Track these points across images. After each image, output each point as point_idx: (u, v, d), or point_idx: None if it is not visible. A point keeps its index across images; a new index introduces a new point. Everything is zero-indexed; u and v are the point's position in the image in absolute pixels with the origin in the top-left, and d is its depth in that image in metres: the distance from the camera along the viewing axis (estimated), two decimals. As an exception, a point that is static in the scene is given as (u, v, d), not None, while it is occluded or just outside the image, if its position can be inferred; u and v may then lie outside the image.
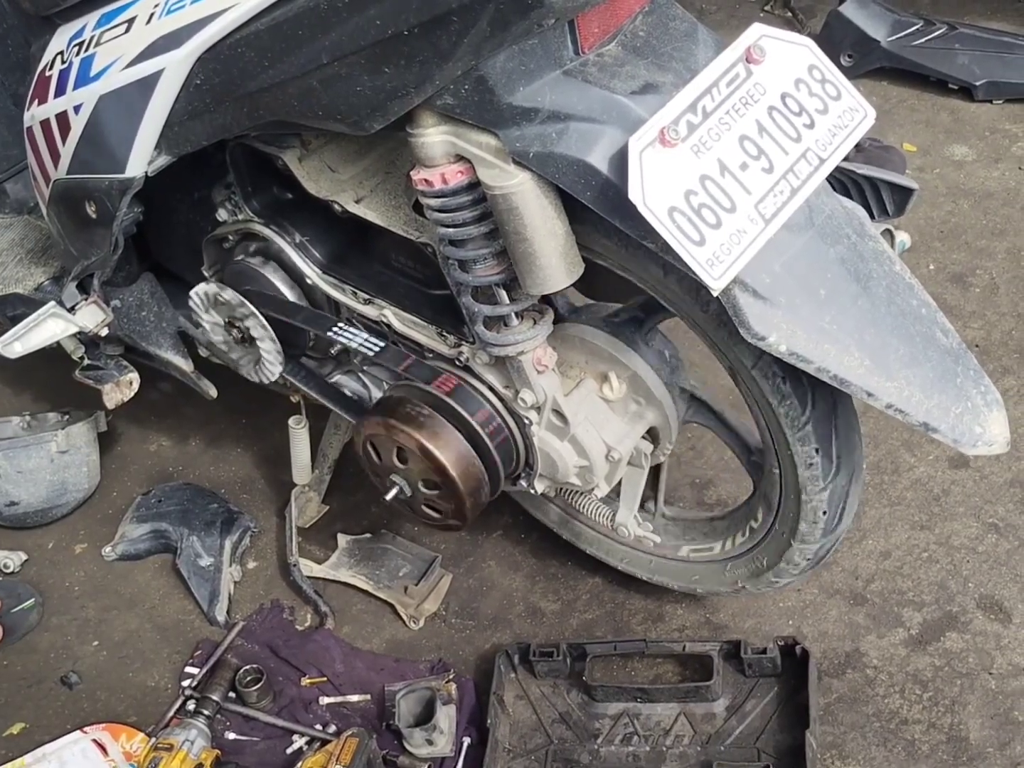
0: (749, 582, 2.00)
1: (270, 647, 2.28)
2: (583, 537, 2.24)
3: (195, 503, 2.52)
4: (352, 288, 1.93)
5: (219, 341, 2.14)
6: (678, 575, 2.13)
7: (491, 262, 1.65)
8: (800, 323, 1.49)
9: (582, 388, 1.86)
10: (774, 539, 1.90)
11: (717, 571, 2.05)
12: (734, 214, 1.45)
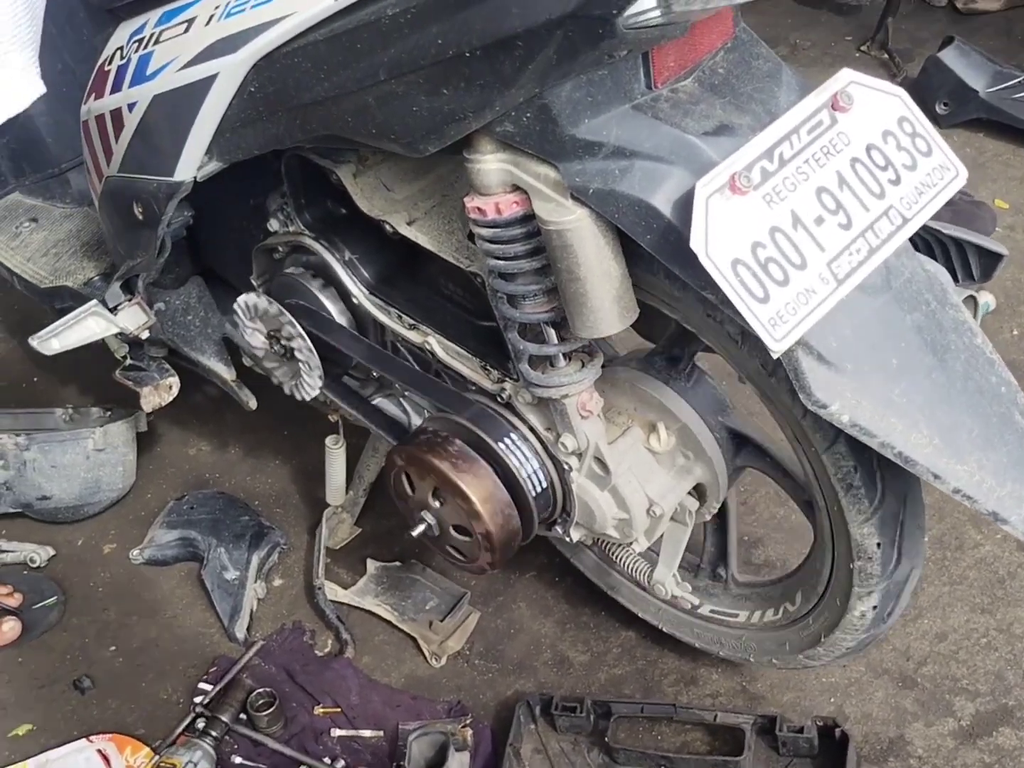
0: (780, 658, 1.88)
1: (287, 670, 2.20)
2: (620, 589, 2.14)
3: (227, 514, 2.46)
4: (398, 312, 1.85)
5: (260, 353, 2.07)
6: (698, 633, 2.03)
7: (540, 299, 1.56)
8: (867, 393, 1.38)
9: (628, 437, 1.76)
10: (815, 621, 1.79)
11: (751, 640, 1.94)
12: (804, 271, 1.34)
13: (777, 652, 1.88)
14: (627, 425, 1.77)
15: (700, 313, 1.51)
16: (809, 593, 1.78)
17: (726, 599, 1.98)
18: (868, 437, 1.38)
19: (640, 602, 2.11)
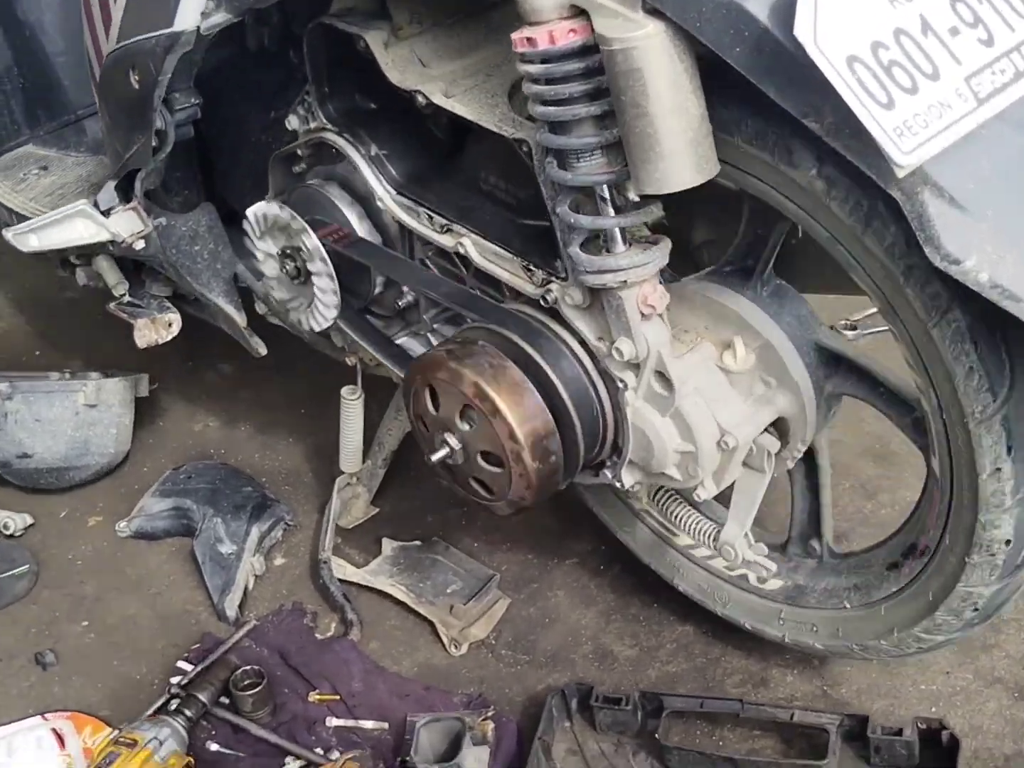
0: (887, 639, 1.55)
1: (280, 653, 1.89)
2: (682, 573, 1.81)
3: (227, 484, 2.17)
4: (428, 212, 1.58)
5: (270, 276, 1.81)
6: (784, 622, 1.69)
7: (598, 158, 1.29)
8: (1012, 247, 1.09)
9: (697, 352, 1.47)
10: (932, 579, 1.46)
11: (851, 623, 1.61)
12: (937, 82, 1.07)
13: (883, 633, 1.54)
14: (696, 342, 1.48)
15: (783, 176, 1.23)
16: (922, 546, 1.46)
17: (821, 576, 1.65)
18: (1012, 302, 1.09)
19: (707, 589, 1.77)
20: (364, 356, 1.89)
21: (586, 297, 1.43)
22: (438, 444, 1.51)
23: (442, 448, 1.50)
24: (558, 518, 2.09)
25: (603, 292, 1.39)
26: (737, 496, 1.57)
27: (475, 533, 2.09)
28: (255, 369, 2.55)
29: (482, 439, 1.46)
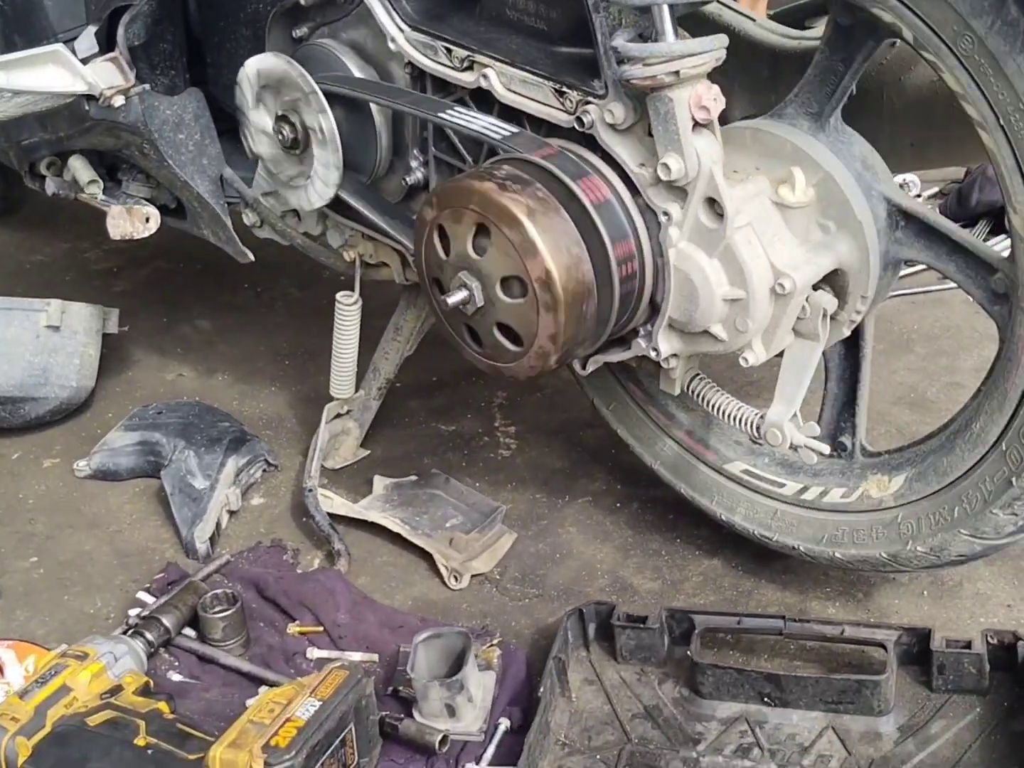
0: (938, 538, 1.35)
1: (256, 586, 1.66)
2: (704, 487, 1.61)
3: (202, 419, 1.96)
4: (447, 45, 1.42)
5: (263, 145, 1.63)
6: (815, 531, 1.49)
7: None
8: None
9: (750, 185, 1.30)
10: (994, 463, 1.27)
11: (887, 524, 1.41)
12: None
13: (952, 523, 1.34)
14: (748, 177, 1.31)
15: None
16: (994, 412, 1.27)
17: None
18: None
19: (742, 505, 1.57)
20: (364, 250, 1.71)
21: (628, 113, 1.26)
22: (455, 286, 1.32)
23: (459, 290, 1.31)
24: (568, 460, 1.90)
25: (650, 99, 1.22)
26: (786, 371, 1.38)
27: (477, 474, 1.88)
28: (235, 325, 2.39)
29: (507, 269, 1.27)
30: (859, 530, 1.45)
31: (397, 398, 2.04)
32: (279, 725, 1.25)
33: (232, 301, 2.47)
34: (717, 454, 1.58)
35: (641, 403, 1.64)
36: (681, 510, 1.70)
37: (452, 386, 2.10)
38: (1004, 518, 1.29)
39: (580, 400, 1.89)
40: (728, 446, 1.58)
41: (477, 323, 1.34)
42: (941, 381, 1.99)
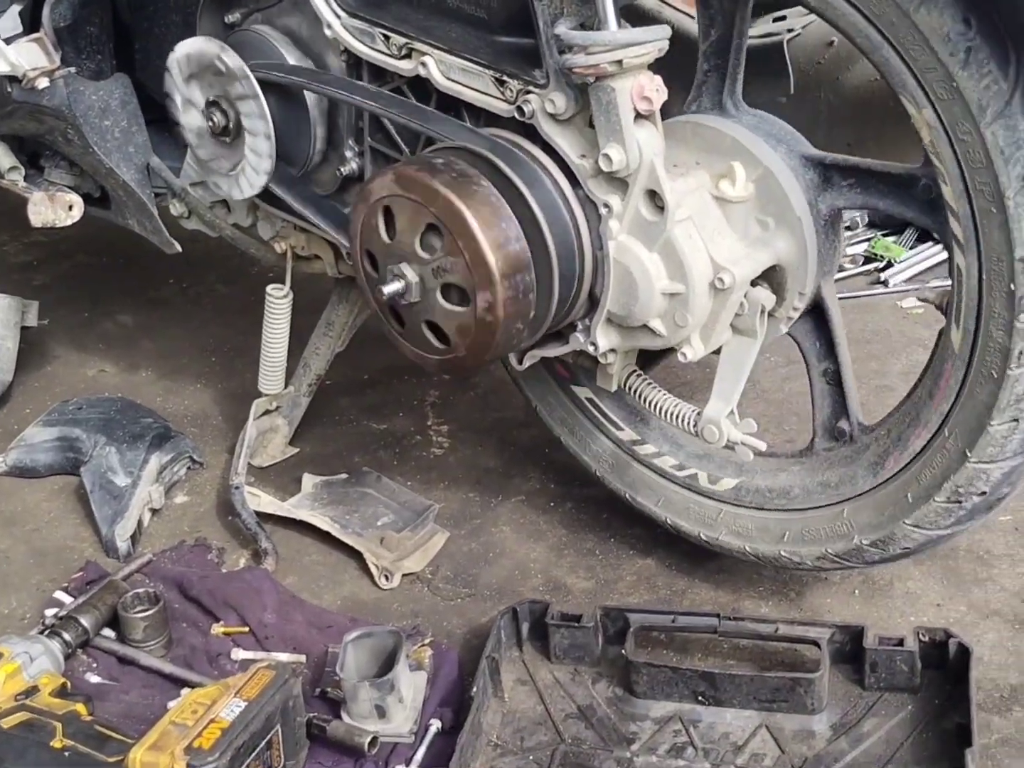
0: (876, 533, 1.35)
1: (179, 585, 1.61)
2: (642, 487, 1.60)
3: (125, 415, 1.90)
4: (384, 31, 1.39)
5: (192, 132, 1.59)
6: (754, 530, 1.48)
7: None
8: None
9: (691, 178, 1.29)
10: (954, 431, 1.26)
11: (827, 521, 1.41)
12: None
13: (896, 514, 1.34)
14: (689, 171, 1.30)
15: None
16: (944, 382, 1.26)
17: (855, 464, 1.44)
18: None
19: (684, 507, 1.56)
20: (295, 242, 1.67)
21: (569, 104, 1.25)
22: (390, 277, 1.29)
23: (395, 281, 1.28)
24: (501, 459, 1.88)
25: (592, 89, 1.21)
26: (723, 367, 1.37)
27: (409, 473, 1.85)
28: (159, 320, 2.33)
29: (445, 264, 1.25)
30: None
31: (328, 395, 2.00)
32: (202, 726, 1.21)
33: (157, 296, 2.41)
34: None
35: (579, 402, 1.63)
36: (615, 509, 1.69)
37: (384, 384, 2.07)
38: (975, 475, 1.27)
39: (514, 399, 1.88)
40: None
41: (410, 315, 1.31)
42: (871, 384, 2.01)
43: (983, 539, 1.64)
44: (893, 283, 2.30)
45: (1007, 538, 1.65)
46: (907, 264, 2.33)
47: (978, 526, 1.39)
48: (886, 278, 2.31)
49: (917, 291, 2.26)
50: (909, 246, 2.39)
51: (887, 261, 2.35)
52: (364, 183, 1.32)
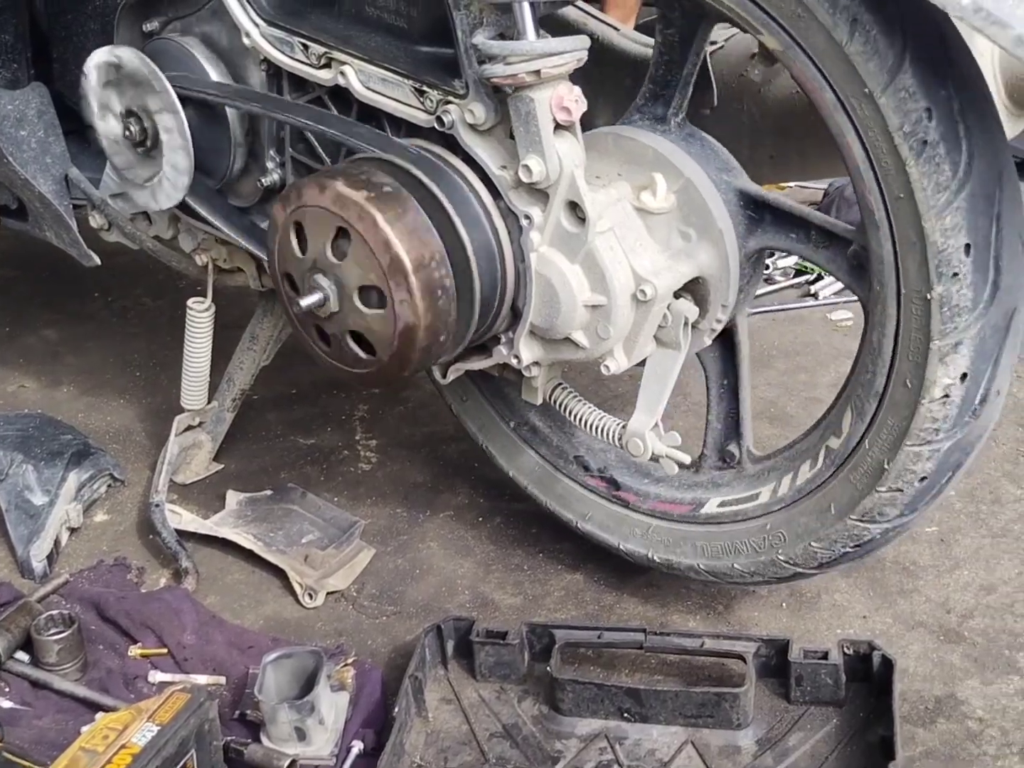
0: (823, 533, 1.35)
1: (96, 606, 1.57)
2: (568, 501, 1.58)
3: (43, 431, 1.85)
4: (303, 40, 1.37)
5: (109, 140, 1.56)
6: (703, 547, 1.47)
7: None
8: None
9: (612, 189, 1.28)
10: (875, 444, 1.26)
11: (780, 527, 1.40)
12: None
13: (819, 527, 1.33)
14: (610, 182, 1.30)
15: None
16: (862, 402, 1.26)
17: (740, 483, 1.45)
18: (998, 28, 0.94)
19: (612, 522, 1.55)
20: (217, 254, 1.64)
21: (489, 114, 1.24)
22: (307, 289, 1.27)
23: (313, 293, 1.26)
24: (430, 474, 1.85)
25: (511, 99, 1.19)
26: (647, 380, 1.37)
27: (337, 489, 1.82)
28: (83, 335, 2.29)
29: (361, 272, 1.23)
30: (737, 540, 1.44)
31: (254, 410, 1.97)
32: (113, 752, 1.17)
33: (81, 310, 2.36)
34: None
35: (504, 415, 1.61)
36: (544, 524, 1.68)
37: (312, 398, 2.04)
38: (893, 489, 1.27)
39: (443, 414, 1.86)
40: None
41: (330, 326, 1.29)
42: (800, 396, 2.01)
43: (909, 550, 1.64)
44: (823, 295, 2.32)
45: (932, 549, 1.65)
46: (837, 277, 2.35)
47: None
48: (816, 291, 2.32)
49: (846, 303, 2.28)
50: (839, 259, 2.42)
51: (816, 274, 2.37)
52: (277, 196, 1.30)
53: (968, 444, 1.22)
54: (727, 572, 1.43)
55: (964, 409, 1.17)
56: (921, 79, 1.05)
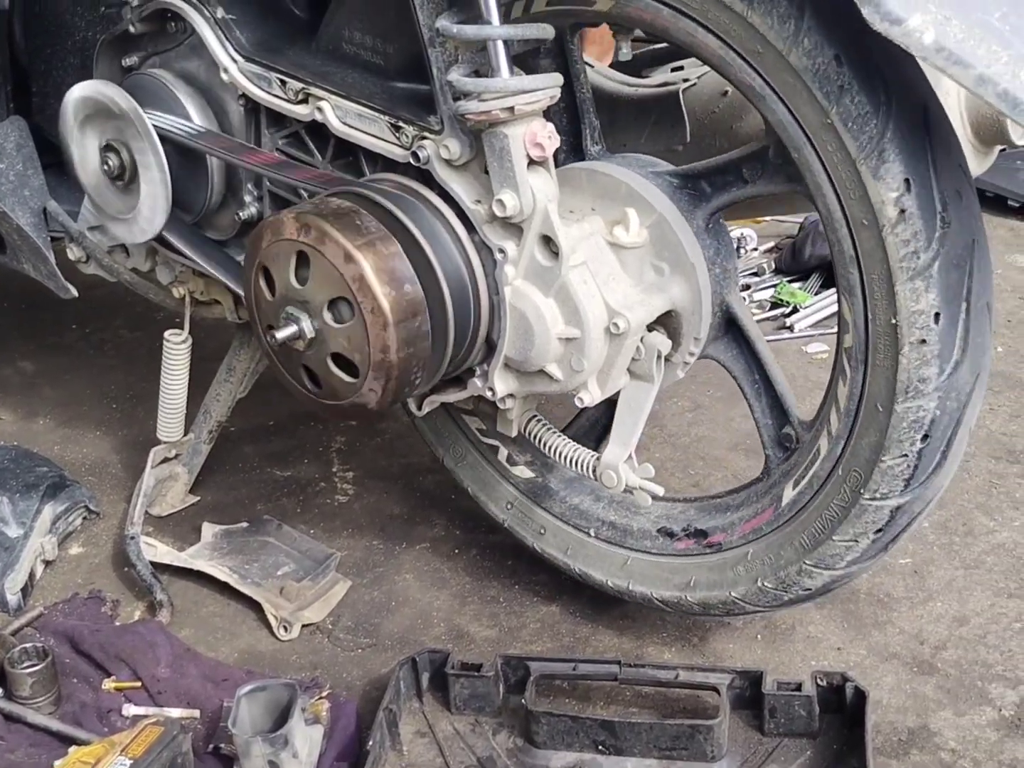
0: (772, 580, 1.36)
1: (71, 639, 1.56)
2: (545, 535, 1.59)
3: (18, 464, 1.85)
4: (281, 76, 1.39)
5: (87, 174, 1.57)
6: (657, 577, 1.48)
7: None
8: (957, 8, 0.97)
9: (585, 224, 1.29)
10: (829, 495, 1.29)
11: (718, 569, 1.41)
12: None
13: (784, 564, 1.35)
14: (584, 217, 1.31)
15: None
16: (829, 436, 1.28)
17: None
18: (960, 68, 0.96)
19: (589, 554, 1.55)
20: (194, 287, 1.65)
21: (464, 149, 1.25)
22: (283, 321, 1.27)
23: (289, 325, 1.26)
24: (407, 506, 1.86)
25: (486, 135, 1.21)
26: (621, 412, 1.37)
27: (313, 521, 1.82)
28: (60, 367, 2.29)
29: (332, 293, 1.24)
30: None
31: (231, 442, 1.97)
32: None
33: (59, 342, 2.36)
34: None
35: (482, 448, 1.62)
36: (520, 556, 1.68)
37: (289, 430, 2.04)
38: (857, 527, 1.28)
39: (420, 445, 1.86)
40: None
41: (310, 359, 1.29)
42: (776, 429, 2.02)
43: (883, 582, 1.65)
44: (798, 328, 2.34)
45: (906, 581, 1.67)
46: (812, 310, 2.38)
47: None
48: (792, 323, 2.34)
49: (821, 336, 2.30)
50: (814, 292, 2.45)
51: (792, 307, 2.39)
52: (254, 230, 1.31)
53: (924, 503, 1.25)
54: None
55: (927, 463, 1.20)
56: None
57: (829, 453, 1.28)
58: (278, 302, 1.28)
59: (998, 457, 1.93)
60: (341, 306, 1.24)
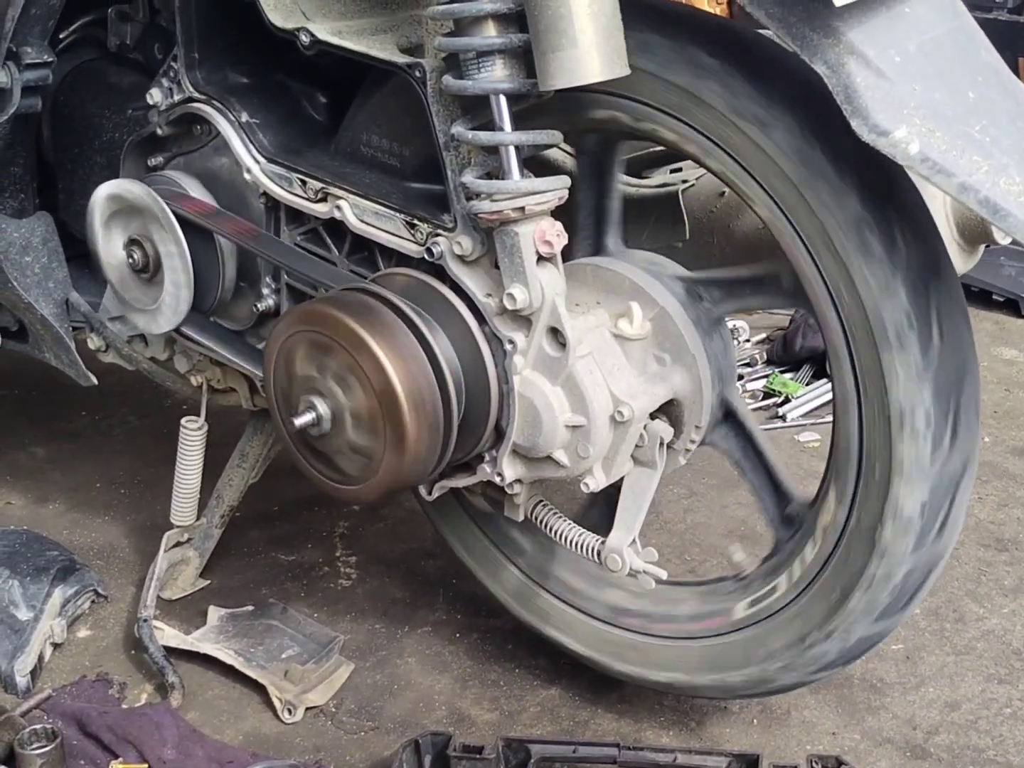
0: (787, 657, 1.40)
1: (79, 721, 1.58)
2: (550, 618, 1.63)
3: (29, 547, 1.88)
4: (301, 176, 1.46)
5: (113, 268, 1.63)
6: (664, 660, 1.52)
7: (499, 64, 1.21)
8: (940, 122, 1.05)
9: (591, 316, 1.36)
10: (834, 572, 1.34)
11: (734, 648, 1.45)
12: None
13: (784, 651, 1.39)
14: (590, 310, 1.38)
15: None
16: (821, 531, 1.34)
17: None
18: (943, 177, 1.04)
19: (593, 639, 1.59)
20: (211, 375, 1.71)
21: (476, 246, 1.32)
22: (302, 408, 1.33)
23: (307, 412, 1.32)
24: (409, 590, 1.89)
25: (497, 233, 1.28)
26: (625, 498, 1.43)
27: (317, 605, 1.85)
28: (70, 452, 2.33)
29: (356, 399, 1.30)
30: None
31: (236, 527, 2.00)
32: (98, 863, 1.18)
33: (68, 428, 2.40)
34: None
35: (487, 531, 1.66)
36: (520, 640, 1.72)
37: (294, 515, 2.08)
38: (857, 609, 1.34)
39: (422, 530, 1.91)
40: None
41: (324, 445, 1.35)
42: (770, 517, 2.07)
43: (876, 668, 1.69)
44: (791, 418, 2.40)
45: (899, 667, 1.70)
46: (804, 399, 2.44)
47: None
48: (784, 413, 2.41)
49: (814, 425, 2.36)
50: (805, 382, 2.52)
51: (784, 396, 2.46)
52: (275, 321, 1.37)
53: (928, 567, 1.30)
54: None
55: (923, 538, 1.27)
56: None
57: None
58: (297, 390, 1.34)
59: (987, 545, 1.98)
60: (357, 393, 1.29)
